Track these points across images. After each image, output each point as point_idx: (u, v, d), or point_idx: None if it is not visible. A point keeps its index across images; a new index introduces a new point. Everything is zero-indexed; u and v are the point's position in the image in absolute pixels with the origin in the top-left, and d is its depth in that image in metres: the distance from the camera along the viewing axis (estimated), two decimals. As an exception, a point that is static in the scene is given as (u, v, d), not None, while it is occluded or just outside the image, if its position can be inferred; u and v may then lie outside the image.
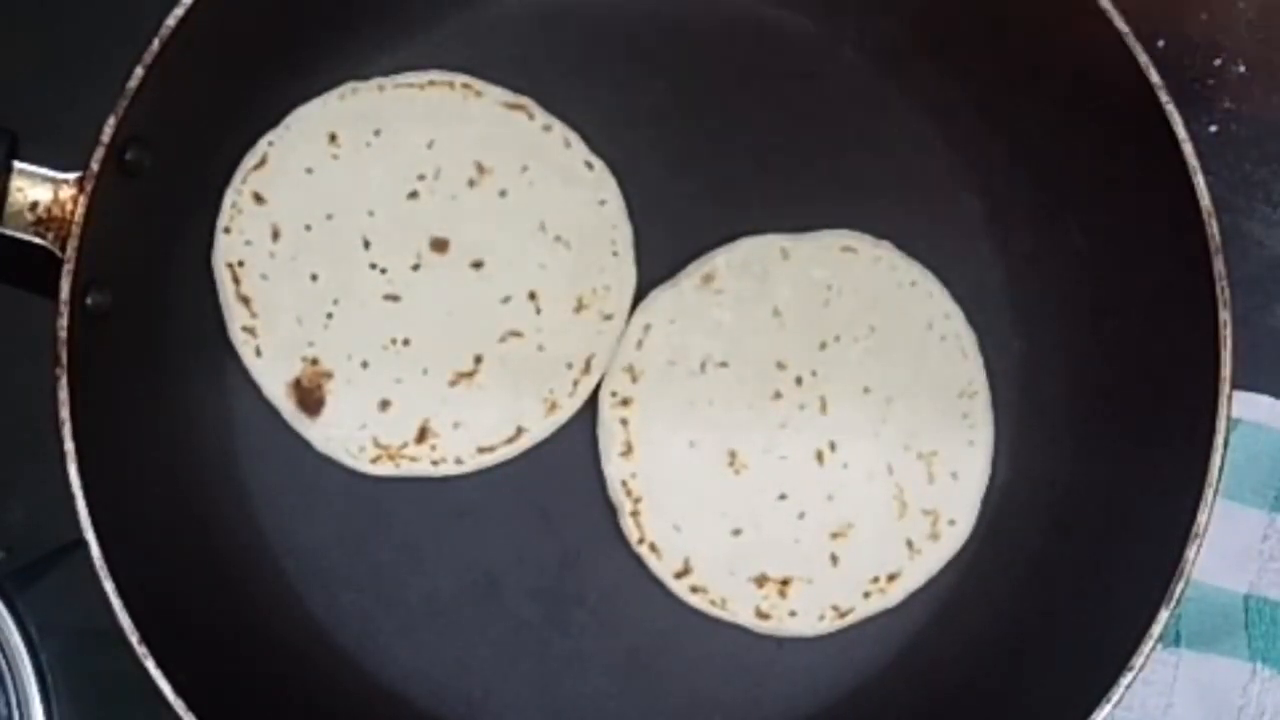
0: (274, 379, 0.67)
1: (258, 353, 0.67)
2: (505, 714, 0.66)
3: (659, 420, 0.67)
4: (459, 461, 0.67)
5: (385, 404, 0.67)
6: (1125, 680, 0.59)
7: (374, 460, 0.67)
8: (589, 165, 0.68)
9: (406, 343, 0.67)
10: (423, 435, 0.67)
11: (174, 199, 0.65)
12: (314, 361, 0.67)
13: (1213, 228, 0.61)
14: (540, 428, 0.67)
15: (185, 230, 0.66)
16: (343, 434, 0.67)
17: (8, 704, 0.64)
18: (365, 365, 0.67)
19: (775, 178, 0.69)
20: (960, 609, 0.66)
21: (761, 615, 0.66)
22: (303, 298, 0.67)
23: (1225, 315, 0.61)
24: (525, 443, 0.67)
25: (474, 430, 0.67)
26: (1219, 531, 0.60)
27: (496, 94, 0.68)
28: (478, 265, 0.67)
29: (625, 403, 0.67)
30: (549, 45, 0.69)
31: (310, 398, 0.67)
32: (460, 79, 0.68)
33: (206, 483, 0.66)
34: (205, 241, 0.67)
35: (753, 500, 0.66)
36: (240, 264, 0.67)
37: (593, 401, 0.67)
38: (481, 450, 0.67)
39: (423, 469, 0.67)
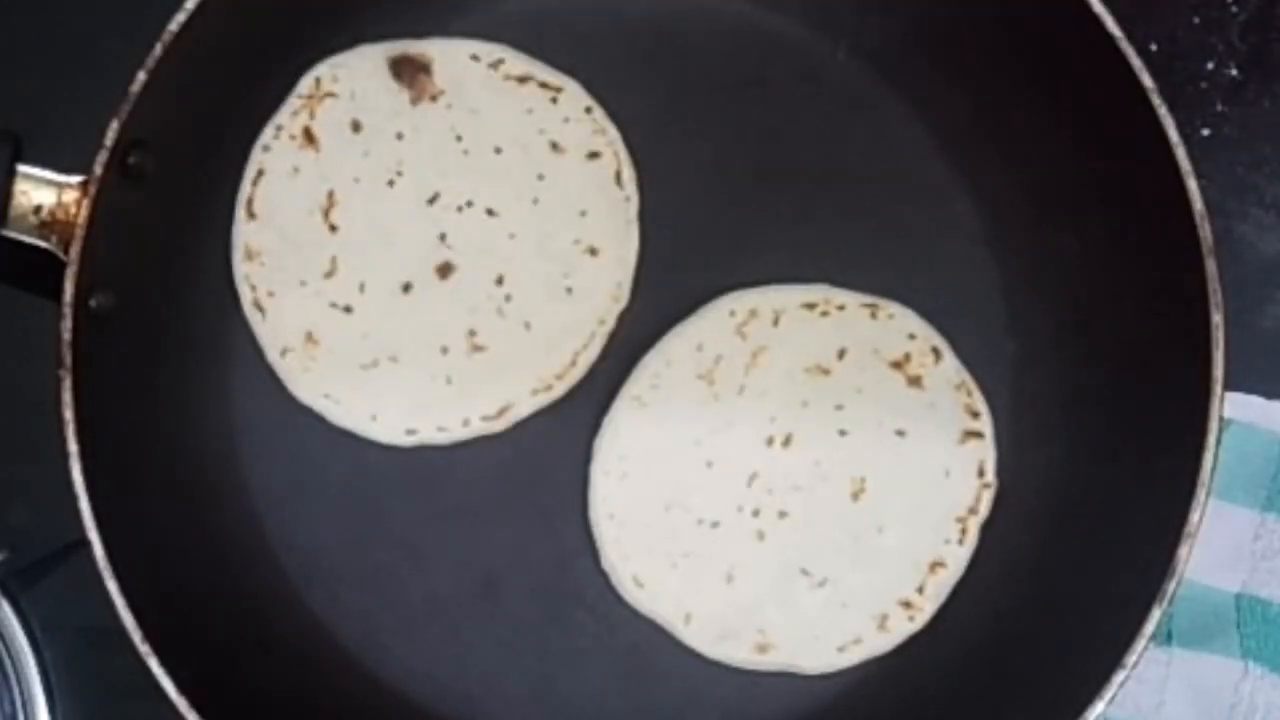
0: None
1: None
2: (505, 712, 0.66)
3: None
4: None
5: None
6: (1118, 678, 0.59)
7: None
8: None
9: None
10: None
11: (177, 202, 0.65)
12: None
13: (1205, 230, 0.61)
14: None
15: (188, 233, 0.67)
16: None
17: (12, 703, 0.65)
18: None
19: (767, 184, 0.69)
20: (953, 608, 0.66)
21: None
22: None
23: (1218, 317, 0.61)
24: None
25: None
26: (1211, 531, 0.61)
27: None
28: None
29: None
30: (540, 51, 0.69)
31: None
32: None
33: (208, 482, 0.66)
34: (207, 243, 0.67)
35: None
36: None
37: (594, 403, 0.68)
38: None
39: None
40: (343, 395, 0.67)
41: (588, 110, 0.69)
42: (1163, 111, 0.62)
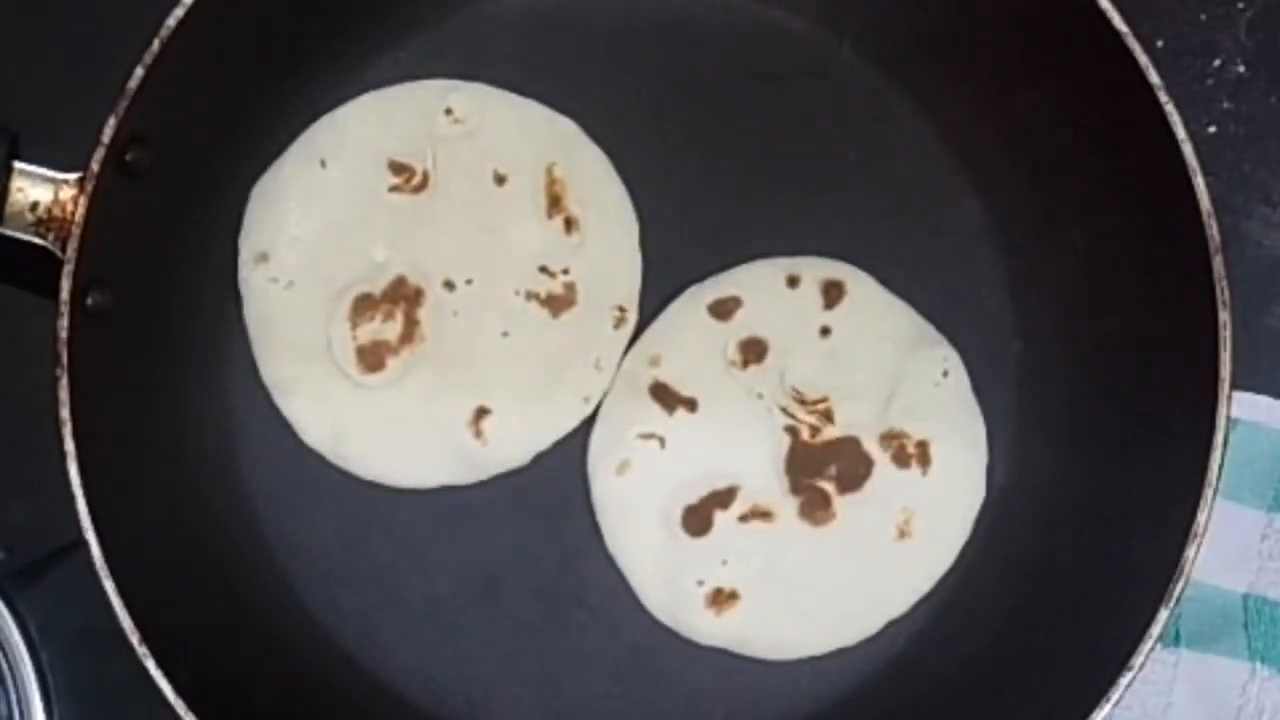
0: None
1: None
2: (505, 714, 0.66)
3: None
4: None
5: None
6: (1125, 680, 0.59)
7: None
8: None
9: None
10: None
11: (175, 199, 0.65)
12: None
13: (1212, 228, 0.61)
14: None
15: (186, 230, 0.67)
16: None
17: (8, 704, 0.65)
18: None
19: (772, 181, 0.69)
20: (960, 610, 0.66)
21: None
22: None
23: (1225, 315, 0.61)
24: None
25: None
26: (1218, 531, 0.60)
27: None
28: None
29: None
30: (546, 45, 0.69)
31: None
32: None
33: (206, 482, 0.66)
34: (205, 241, 0.67)
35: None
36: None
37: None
38: None
39: None
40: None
41: None
42: (1169, 108, 0.62)
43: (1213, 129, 0.72)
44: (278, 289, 0.67)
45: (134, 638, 0.58)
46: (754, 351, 0.67)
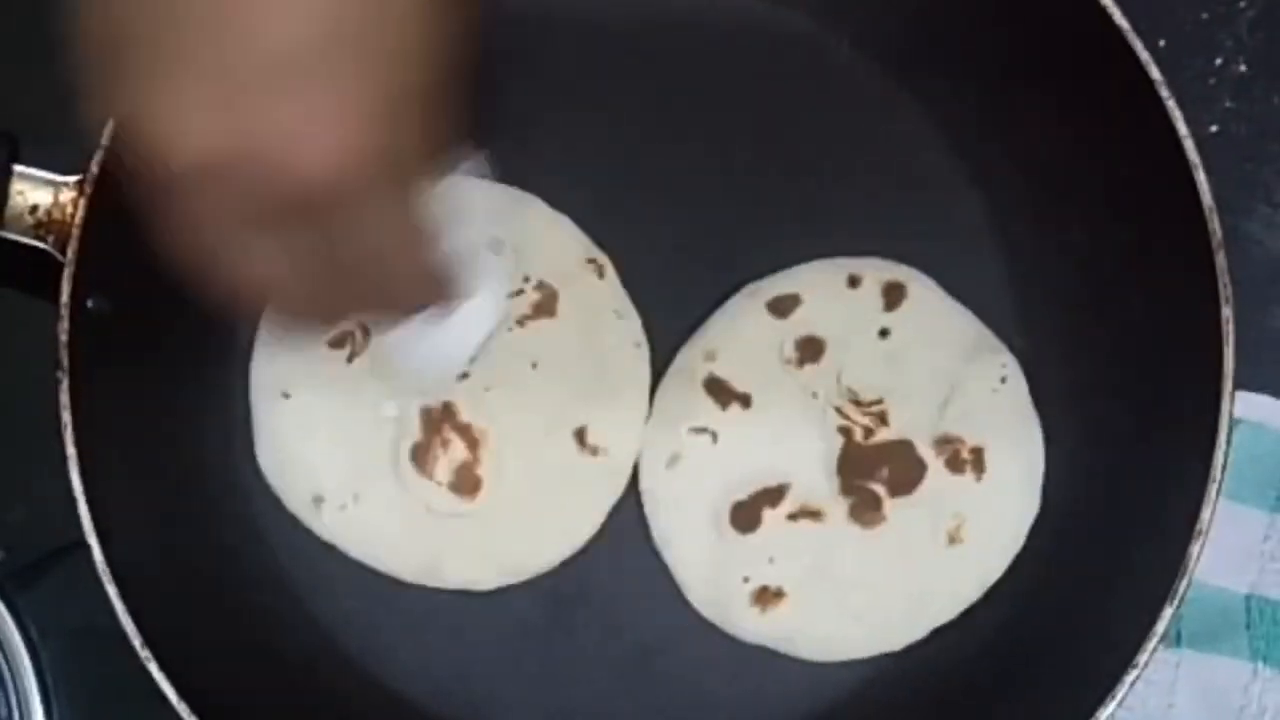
0: None
1: None
2: (508, 715, 0.66)
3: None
4: None
5: None
6: (1129, 679, 0.59)
7: None
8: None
9: None
10: None
11: (174, 201, 0.65)
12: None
13: (1214, 225, 0.61)
14: None
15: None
16: None
17: (8, 705, 0.65)
18: None
19: (773, 179, 0.69)
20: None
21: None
22: None
23: (1227, 313, 0.61)
24: None
25: None
26: (1220, 531, 0.60)
27: None
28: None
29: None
30: (545, 45, 0.69)
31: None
32: None
33: (208, 484, 0.66)
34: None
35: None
36: None
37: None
38: None
39: None
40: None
41: None
42: (1171, 104, 0.61)
43: (1214, 128, 0.71)
44: None
45: (135, 640, 0.58)
46: (811, 350, 0.67)
